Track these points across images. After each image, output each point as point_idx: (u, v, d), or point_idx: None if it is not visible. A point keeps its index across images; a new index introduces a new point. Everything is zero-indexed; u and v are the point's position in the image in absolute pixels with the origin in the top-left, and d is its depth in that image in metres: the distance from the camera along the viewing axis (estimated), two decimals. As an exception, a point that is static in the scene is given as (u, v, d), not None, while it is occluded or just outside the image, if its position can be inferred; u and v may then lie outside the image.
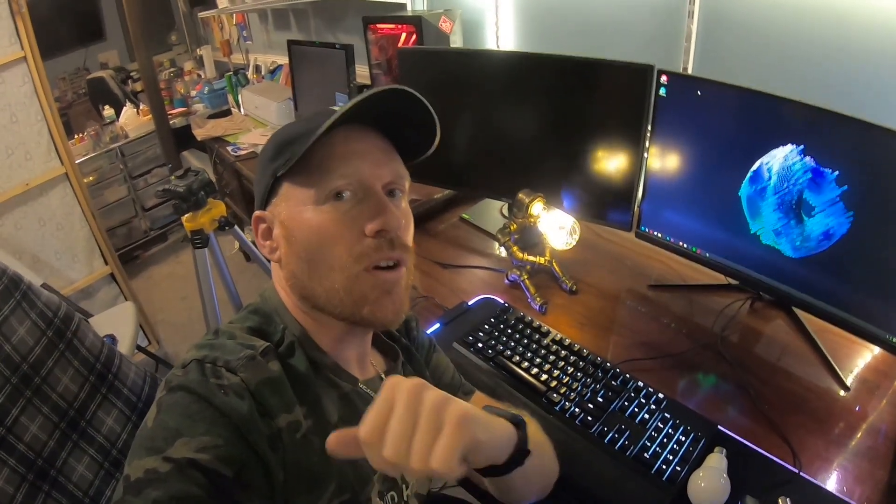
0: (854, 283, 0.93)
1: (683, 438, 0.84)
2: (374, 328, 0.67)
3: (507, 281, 1.27)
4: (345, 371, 0.65)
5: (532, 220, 1.18)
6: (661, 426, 0.86)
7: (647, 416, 0.88)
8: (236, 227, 1.73)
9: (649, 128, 1.12)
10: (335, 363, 0.64)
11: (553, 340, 1.03)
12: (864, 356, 1.02)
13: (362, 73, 2.11)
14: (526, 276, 1.23)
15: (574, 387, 0.94)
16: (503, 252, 1.27)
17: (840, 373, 0.97)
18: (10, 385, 0.79)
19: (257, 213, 0.64)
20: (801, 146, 0.90)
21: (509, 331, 1.06)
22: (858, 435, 0.88)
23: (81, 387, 0.89)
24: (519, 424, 0.57)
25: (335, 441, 0.44)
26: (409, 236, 0.63)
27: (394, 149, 0.64)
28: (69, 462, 0.85)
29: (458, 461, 0.42)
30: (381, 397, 0.44)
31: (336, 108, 0.57)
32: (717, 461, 0.78)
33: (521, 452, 0.57)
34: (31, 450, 0.80)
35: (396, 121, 0.61)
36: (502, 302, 1.16)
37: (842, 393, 0.95)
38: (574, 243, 1.18)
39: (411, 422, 0.42)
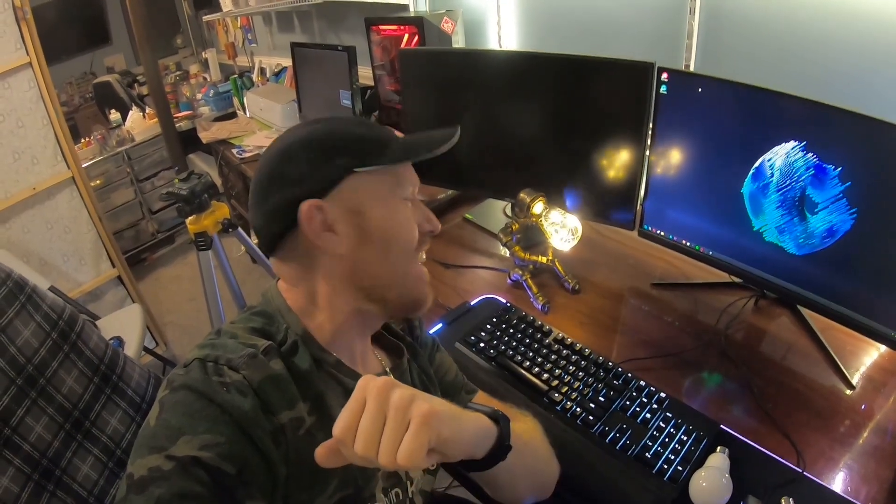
0: (858, 280, 0.92)
1: (685, 438, 0.83)
2: (415, 312, 0.71)
3: (509, 281, 1.26)
4: (348, 368, 0.65)
5: (534, 219, 1.18)
6: (663, 426, 0.85)
7: (648, 415, 0.87)
8: (240, 229, 1.74)
9: (651, 126, 1.12)
10: (338, 360, 0.65)
11: (555, 340, 1.03)
12: (870, 354, 1.01)
13: (365, 74, 2.12)
14: (528, 276, 1.23)
15: (576, 386, 0.93)
16: (506, 252, 1.27)
17: (845, 371, 0.96)
18: (16, 386, 0.80)
19: (317, 202, 0.60)
20: (804, 142, 0.89)
21: (511, 330, 1.06)
22: (864, 434, 0.87)
23: (86, 388, 0.90)
24: (499, 420, 0.58)
25: (322, 453, 0.46)
26: None
27: None
28: (74, 462, 0.86)
29: (422, 456, 0.44)
30: (353, 396, 0.46)
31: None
32: (719, 461, 0.77)
33: (501, 448, 0.58)
34: (36, 450, 0.81)
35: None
36: (504, 301, 1.16)
37: (847, 392, 0.94)
38: (576, 243, 1.18)
39: (380, 419, 0.45)
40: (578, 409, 0.89)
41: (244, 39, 3.48)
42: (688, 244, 1.15)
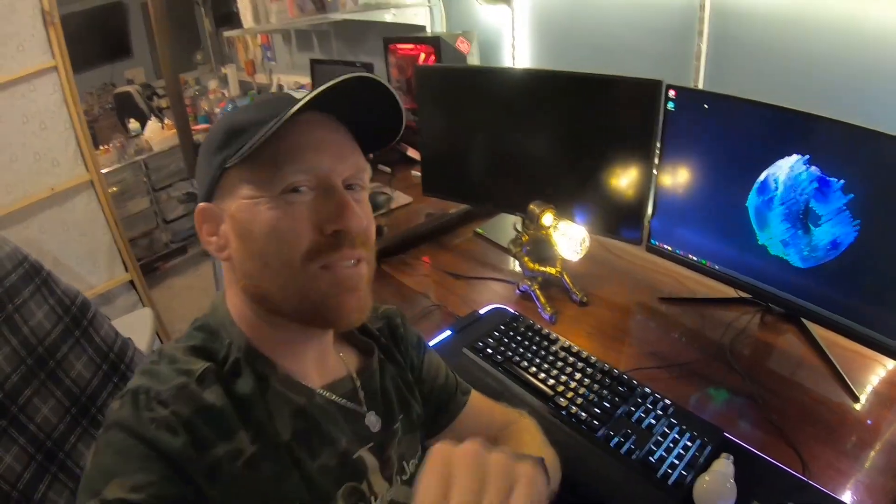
0: (863, 293, 0.92)
1: (689, 444, 0.83)
2: (336, 329, 0.63)
3: (518, 292, 1.27)
4: (298, 383, 0.59)
5: (543, 230, 1.19)
6: (667, 431, 0.85)
7: (652, 421, 0.87)
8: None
9: (659, 142, 1.14)
10: (286, 375, 0.59)
11: (561, 347, 1.03)
12: (876, 369, 1.01)
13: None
14: (537, 287, 1.24)
15: (581, 391, 0.93)
16: (516, 265, 1.28)
17: (851, 385, 0.96)
18: (25, 366, 0.82)
19: (201, 205, 0.58)
20: (807, 156, 0.91)
21: (518, 338, 1.07)
22: (871, 447, 0.87)
23: (94, 374, 0.91)
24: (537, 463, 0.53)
25: None
26: (370, 233, 0.59)
27: (353, 139, 0.60)
28: (78, 447, 0.86)
29: None
30: (428, 472, 0.39)
31: (293, 91, 0.55)
32: (723, 466, 0.77)
33: None
34: (42, 431, 0.82)
35: (357, 108, 0.57)
36: (513, 311, 1.17)
37: (854, 406, 0.94)
38: (584, 253, 1.19)
39: (477, 489, 0.38)
40: (583, 414, 0.89)
41: (263, 57, 3.57)
42: (694, 259, 1.16)
